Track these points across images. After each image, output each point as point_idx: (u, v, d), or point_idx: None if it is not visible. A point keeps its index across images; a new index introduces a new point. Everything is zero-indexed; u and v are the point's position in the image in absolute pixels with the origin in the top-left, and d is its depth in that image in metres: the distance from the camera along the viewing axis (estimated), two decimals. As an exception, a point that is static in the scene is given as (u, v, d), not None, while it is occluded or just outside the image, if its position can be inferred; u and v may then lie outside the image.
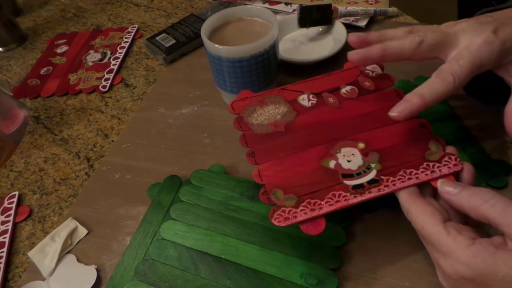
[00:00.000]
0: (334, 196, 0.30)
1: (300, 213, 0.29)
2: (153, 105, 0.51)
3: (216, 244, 0.34)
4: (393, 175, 0.30)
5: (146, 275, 0.33)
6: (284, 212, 0.29)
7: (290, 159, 0.32)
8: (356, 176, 0.30)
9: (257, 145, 0.34)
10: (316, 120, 0.35)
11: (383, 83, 0.37)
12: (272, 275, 0.32)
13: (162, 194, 0.39)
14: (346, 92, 0.36)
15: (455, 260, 0.24)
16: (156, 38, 0.60)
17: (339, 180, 0.30)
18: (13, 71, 0.63)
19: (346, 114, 0.35)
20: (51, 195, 0.43)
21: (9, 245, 0.39)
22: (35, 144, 0.50)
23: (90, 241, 0.38)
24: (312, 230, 0.29)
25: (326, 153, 0.32)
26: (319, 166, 0.31)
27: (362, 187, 0.30)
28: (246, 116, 0.36)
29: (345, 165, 0.31)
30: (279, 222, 0.29)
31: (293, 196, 0.30)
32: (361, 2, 0.59)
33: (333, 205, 0.29)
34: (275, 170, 0.32)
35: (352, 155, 0.32)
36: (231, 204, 0.37)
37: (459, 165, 0.30)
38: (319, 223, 0.29)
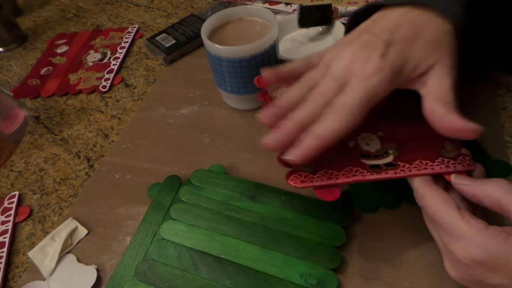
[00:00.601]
0: (351, 170, 0.30)
1: (316, 179, 0.29)
2: (153, 105, 0.51)
3: (216, 244, 0.34)
4: (409, 162, 0.30)
5: (146, 275, 0.33)
6: (300, 175, 0.30)
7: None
8: (374, 158, 0.31)
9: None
10: None
11: None
12: (272, 275, 0.32)
13: (162, 194, 0.39)
14: None
15: (468, 242, 0.25)
16: (156, 38, 0.60)
17: (357, 158, 0.31)
18: (13, 71, 0.63)
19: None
20: (51, 195, 0.43)
21: (9, 245, 0.39)
22: (35, 144, 0.50)
23: (90, 241, 0.38)
24: (327, 196, 0.29)
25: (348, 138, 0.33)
26: (338, 146, 0.31)
27: (379, 167, 0.30)
28: (271, 91, 0.36)
29: (364, 147, 0.32)
30: (295, 183, 0.29)
31: (311, 165, 0.30)
32: (361, 2, 0.59)
33: (350, 178, 0.30)
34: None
35: (371, 140, 0.32)
36: (231, 204, 0.37)
37: (473, 165, 0.30)
38: (335, 191, 0.29)
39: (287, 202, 0.36)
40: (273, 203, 0.37)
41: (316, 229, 0.34)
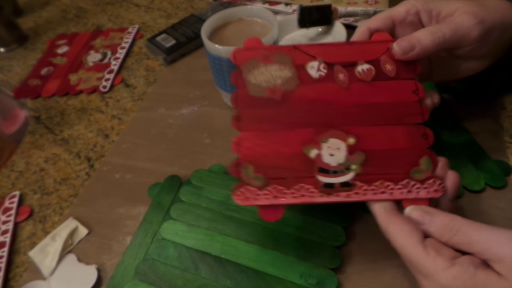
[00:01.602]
0: (301, 188, 0.28)
1: (262, 197, 0.28)
2: (153, 105, 0.51)
3: (216, 244, 0.34)
4: (368, 183, 0.28)
5: (146, 275, 0.33)
6: (247, 190, 0.29)
7: (274, 135, 0.30)
8: (332, 174, 0.29)
9: (247, 109, 0.31)
10: (317, 97, 0.31)
11: (406, 71, 0.32)
12: (272, 275, 0.32)
13: (162, 194, 0.39)
14: (362, 71, 0.32)
15: (436, 283, 0.24)
16: (157, 39, 0.60)
17: (313, 173, 0.29)
18: (14, 72, 0.63)
19: (351, 99, 0.31)
20: (51, 195, 0.43)
21: (10, 244, 0.39)
22: (35, 144, 0.50)
23: (91, 241, 0.38)
24: (269, 217, 0.28)
25: (312, 139, 0.30)
26: (299, 152, 0.30)
27: (332, 187, 0.29)
28: (246, 71, 0.32)
29: (326, 159, 0.29)
30: (239, 199, 0.28)
31: (262, 177, 0.29)
32: (360, 3, 0.59)
33: (297, 198, 0.28)
34: (255, 143, 0.30)
35: (337, 149, 0.30)
36: (231, 204, 0.37)
37: (440, 191, 0.28)
38: (278, 211, 0.28)
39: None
40: (273, 203, 0.37)
41: (316, 229, 0.34)
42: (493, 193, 0.35)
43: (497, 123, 0.40)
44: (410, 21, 0.32)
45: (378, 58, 0.32)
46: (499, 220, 0.33)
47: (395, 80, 0.31)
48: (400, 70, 0.32)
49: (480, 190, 0.35)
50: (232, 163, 0.29)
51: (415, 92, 0.31)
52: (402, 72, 0.31)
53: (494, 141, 0.39)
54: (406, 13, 0.32)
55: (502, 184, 0.35)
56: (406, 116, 0.30)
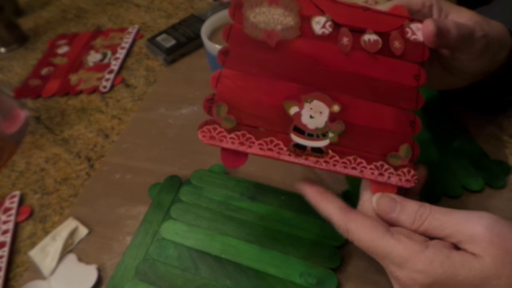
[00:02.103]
0: (271, 142, 0.27)
1: (228, 140, 0.27)
2: (153, 105, 0.51)
3: (216, 244, 0.34)
4: (341, 155, 0.27)
5: (146, 274, 0.34)
6: (214, 129, 0.27)
7: (258, 81, 0.29)
8: (306, 136, 0.28)
9: (237, 46, 0.29)
10: (313, 54, 0.29)
11: (413, 53, 0.30)
12: (272, 274, 0.32)
13: (163, 194, 0.39)
14: (368, 41, 0.30)
15: (411, 268, 0.23)
16: (157, 39, 0.60)
17: (287, 130, 0.28)
18: (14, 72, 0.63)
19: (348, 66, 0.29)
20: (52, 195, 0.43)
21: (11, 244, 0.39)
22: (36, 144, 0.50)
23: (91, 241, 0.38)
24: (230, 162, 0.27)
25: (296, 96, 0.28)
26: (279, 105, 0.28)
27: (303, 149, 0.27)
28: (247, 6, 0.30)
29: (304, 120, 0.28)
30: (203, 137, 0.27)
31: (233, 119, 0.27)
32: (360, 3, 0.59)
33: (263, 151, 0.27)
34: (235, 84, 0.28)
35: (320, 112, 0.28)
36: (231, 204, 0.37)
37: (411, 182, 0.27)
38: (240, 160, 0.27)
39: (286, 202, 0.37)
40: (273, 203, 0.37)
41: (316, 228, 0.34)
42: (493, 193, 0.35)
43: (497, 123, 0.40)
44: (424, 14, 0.32)
45: (388, 32, 0.30)
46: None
47: (399, 60, 0.30)
48: (407, 51, 0.30)
49: (480, 190, 0.35)
50: (206, 97, 0.28)
51: (416, 77, 0.29)
52: (409, 53, 0.30)
53: (494, 141, 0.39)
54: (422, 5, 0.32)
55: (501, 184, 0.35)
56: (400, 99, 0.29)
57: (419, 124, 0.29)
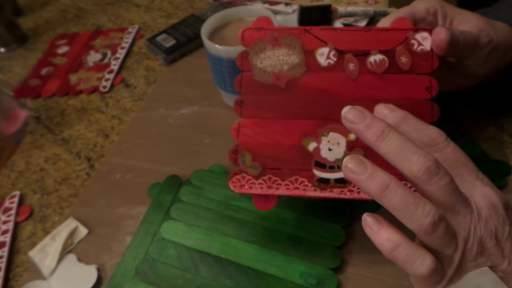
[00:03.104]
0: (296, 181, 0.29)
1: (256, 186, 0.29)
2: (153, 105, 0.51)
3: (216, 244, 0.34)
4: None
5: (146, 274, 0.33)
6: (243, 178, 0.29)
7: (275, 124, 0.30)
8: (328, 170, 0.29)
9: (250, 94, 0.31)
10: (322, 88, 0.30)
11: (422, 64, 0.29)
12: (272, 274, 0.32)
13: (162, 194, 0.39)
14: (374, 62, 0.30)
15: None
16: (157, 39, 0.60)
17: (309, 166, 0.29)
18: (14, 72, 0.63)
19: (358, 92, 0.30)
20: (51, 195, 0.43)
21: (10, 244, 0.39)
22: (36, 144, 0.50)
23: (91, 241, 0.38)
24: (262, 205, 0.29)
25: (313, 131, 0.30)
26: (298, 144, 0.30)
27: (327, 182, 0.29)
28: (253, 54, 0.31)
29: (324, 153, 0.29)
30: (234, 187, 0.29)
31: (259, 166, 0.29)
32: (360, 3, 0.59)
33: (290, 191, 0.29)
34: (255, 131, 0.30)
35: (337, 144, 0.29)
36: (231, 204, 0.37)
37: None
38: (271, 201, 0.29)
39: (286, 202, 0.37)
40: (273, 203, 0.37)
41: (316, 229, 0.34)
42: (493, 193, 0.35)
43: (497, 123, 0.40)
44: (429, 21, 0.32)
45: (394, 48, 0.30)
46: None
47: (409, 74, 0.29)
48: (415, 63, 0.29)
49: (480, 190, 0.35)
50: (230, 149, 0.30)
51: (428, 89, 0.29)
52: (417, 66, 0.29)
53: (494, 141, 0.39)
54: (426, 12, 0.32)
55: (501, 184, 0.35)
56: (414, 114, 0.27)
57: None
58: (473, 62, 0.31)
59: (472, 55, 0.30)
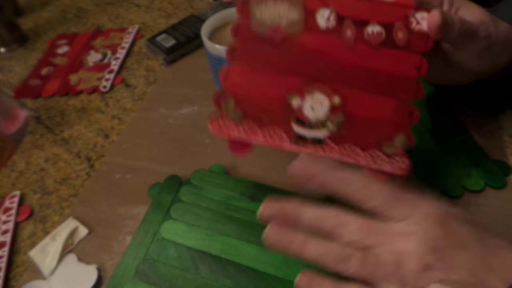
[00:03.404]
0: (274, 132, 0.30)
1: (235, 131, 0.30)
2: (153, 105, 0.51)
3: (216, 244, 0.34)
4: (338, 144, 0.29)
5: (146, 274, 0.34)
6: (223, 122, 0.30)
7: (263, 76, 0.30)
8: (307, 127, 0.30)
9: (245, 42, 0.31)
10: (317, 49, 0.30)
11: (417, 43, 0.30)
12: (272, 274, 0.32)
13: (162, 194, 0.39)
14: (371, 33, 0.30)
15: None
16: (157, 39, 0.60)
17: (290, 121, 0.30)
18: (14, 72, 0.63)
19: (351, 59, 0.30)
20: (52, 195, 0.43)
21: (11, 244, 0.39)
22: (36, 144, 0.50)
23: (91, 241, 0.38)
24: (237, 151, 0.30)
25: (299, 89, 0.30)
26: (282, 98, 0.30)
27: (303, 139, 0.29)
28: (254, 3, 0.31)
29: (306, 111, 0.30)
30: (213, 128, 0.30)
31: (241, 112, 0.30)
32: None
33: (266, 140, 0.30)
34: (242, 79, 0.30)
35: (320, 104, 0.30)
36: (231, 204, 0.37)
37: (403, 170, 0.28)
38: (246, 148, 0.30)
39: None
40: (273, 203, 0.37)
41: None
42: (493, 193, 0.35)
43: (497, 123, 0.40)
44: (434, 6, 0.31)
45: (392, 23, 0.30)
46: (499, 220, 0.34)
47: (402, 51, 0.30)
48: (410, 41, 0.30)
49: (480, 190, 0.35)
50: (215, 92, 0.30)
51: (417, 68, 0.30)
52: (412, 44, 0.30)
53: (494, 141, 0.39)
54: None
55: (501, 184, 0.35)
56: (400, 90, 0.29)
57: (417, 115, 0.29)
58: (467, 54, 0.31)
59: (467, 46, 0.30)
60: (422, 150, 0.39)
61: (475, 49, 0.31)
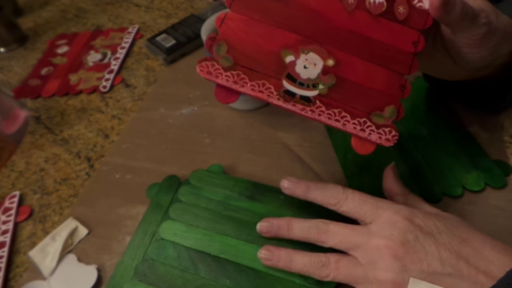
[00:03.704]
0: (263, 85, 0.29)
1: (223, 77, 0.29)
2: (153, 105, 0.51)
3: (215, 244, 0.34)
4: (327, 107, 0.29)
5: (145, 275, 0.34)
6: (212, 66, 0.29)
7: (260, 27, 0.30)
8: (297, 85, 0.29)
9: None
10: (318, 9, 0.30)
11: (416, 20, 0.30)
12: (271, 274, 0.32)
13: (161, 194, 0.39)
14: (373, 2, 0.30)
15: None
16: (157, 39, 0.60)
17: (281, 76, 0.29)
18: (14, 72, 0.63)
19: (349, 24, 0.30)
20: (51, 195, 0.43)
21: (10, 244, 0.39)
22: (35, 144, 0.50)
23: (91, 241, 0.38)
24: (222, 98, 0.29)
25: (294, 46, 0.30)
26: (276, 52, 0.30)
27: (293, 96, 0.29)
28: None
29: (298, 69, 0.29)
30: (201, 71, 0.29)
31: (231, 59, 0.29)
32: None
33: (254, 92, 0.29)
34: (238, 27, 0.30)
35: (314, 64, 0.30)
36: (230, 203, 0.37)
37: (390, 142, 0.29)
38: (232, 96, 0.29)
39: (285, 201, 0.37)
40: (272, 203, 0.37)
41: (315, 228, 0.34)
42: (493, 193, 0.35)
43: (497, 123, 0.40)
44: None
45: None
46: (499, 220, 0.33)
47: (401, 25, 0.30)
48: (410, 17, 0.30)
49: (480, 190, 0.35)
50: (209, 35, 0.30)
51: (414, 44, 0.30)
52: (411, 20, 0.30)
53: (494, 141, 0.39)
54: None
55: (502, 184, 0.35)
56: (394, 62, 0.30)
57: (408, 89, 0.30)
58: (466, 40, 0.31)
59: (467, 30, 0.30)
60: (422, 150, 0.39)
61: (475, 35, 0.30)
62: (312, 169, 0.40)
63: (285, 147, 0.43)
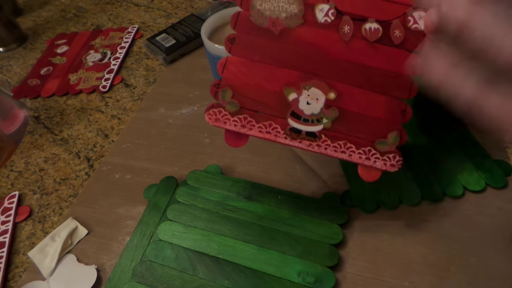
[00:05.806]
0: (269, 126, 0.30)
1: (231, 123, 0.30)
2: (153, 105, 0.51)
3: (214, 244, 0.34)
4: (332, 140, 0.30)
5: (143, 276, 0.33)
6: (219, 113, 0.30)
7: (261, 68, 0.31)
8: (302, 121, 0.30)
9: (243, 33, 0.31)
10: (314, 43, 0.31)
11: (412, 41, 0.30)
12: (270, 274, 0.32)
13: (159, 195, 0.39)
14: (369, 30, 0.30)
15: None
16: (156, 38, 0.60)
17: (285, 115, 0.30)
18: (13, 71, 0.63)
19: (347, 54, 0.30)
20: (51, 195, 0.43)
21: (9, 245, 0.39)
22: (35, 144, 0.50)
23: (90, 241, 0.38)
24: (232, 142, 0.30)
25: (296, 83, 0.30)
26: (279, 91, 0.30)
27: (298, 133, 0.30)
28: None
29: (302, 105, 0.30)
30: (210, 119, 0.30)
31: (237, 104, 0.30)
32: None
33: (262, 134, 0.30)
34: (240, 70, 0.31)
35: (316, 99, 0.30)
36: (228, 204, 0.37)
37: (395, 167, 0.29)
38: (241, 140, 0.30)
39: (283, 201, 0.36)
40: (270, 203, 0.37)
41: (313, 227, 0.34)
42: (494, 193, 0.35)
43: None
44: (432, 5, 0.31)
45: (390, 21, 0.30)
46: (500, 220, 0.33)
47: (398, 49, 0.30)
48: (407, 40, 0.30)
49: (481, 190, 0.35)
50: (213, 82, 0.31)
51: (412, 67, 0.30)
52: (408, 42, 0.30)
53: (495, 142, 0.38)
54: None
55: (502, 184, 0.35)
56: (394, 88, 0.30)
57: (409, 112, 0.30)
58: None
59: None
60: (422, 150, 0.39)
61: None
62: (312, 169, 0.40)
63: (285, 147, 0.43)
